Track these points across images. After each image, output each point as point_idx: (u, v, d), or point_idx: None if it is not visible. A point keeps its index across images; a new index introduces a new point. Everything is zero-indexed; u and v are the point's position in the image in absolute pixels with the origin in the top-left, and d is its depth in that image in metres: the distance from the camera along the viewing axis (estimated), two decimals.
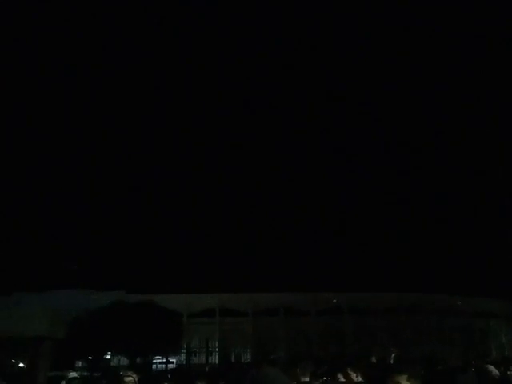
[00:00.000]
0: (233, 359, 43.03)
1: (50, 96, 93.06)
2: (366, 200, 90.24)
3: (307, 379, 4.98)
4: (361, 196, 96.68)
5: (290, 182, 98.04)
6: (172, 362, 40.02)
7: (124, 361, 35.60)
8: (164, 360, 38.39)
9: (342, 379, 4.60)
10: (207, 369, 16.61)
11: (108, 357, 36.28)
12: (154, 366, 36.41)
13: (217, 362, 41.81)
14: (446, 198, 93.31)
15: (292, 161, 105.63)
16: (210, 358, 44.79)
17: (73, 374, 9.41)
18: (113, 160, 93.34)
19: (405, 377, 2.95)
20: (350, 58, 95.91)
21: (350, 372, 4.57)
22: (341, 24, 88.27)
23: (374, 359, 11.13)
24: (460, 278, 54.78)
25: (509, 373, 6.44)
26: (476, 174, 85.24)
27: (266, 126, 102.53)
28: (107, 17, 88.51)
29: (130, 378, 5.36)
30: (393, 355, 11.89)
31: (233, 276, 59.74)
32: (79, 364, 32.79)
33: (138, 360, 33.17)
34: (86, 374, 21.85)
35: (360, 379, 4.54)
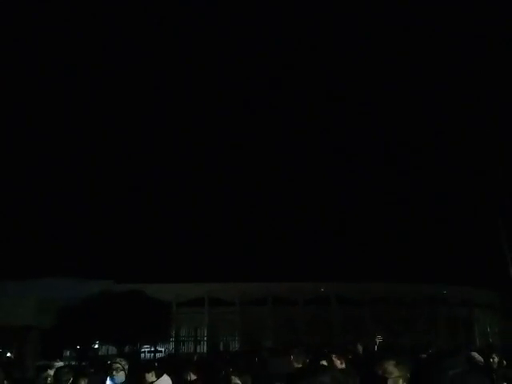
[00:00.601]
0: (221, 348, 43.36)
1: (50, 96, 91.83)
2: (365, 199, 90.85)
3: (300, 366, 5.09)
4: (360, 196, 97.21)
5: (290, 181, 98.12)
6: (161, 351, 40.23)
7: (112, 350, 35.68)
8: (153, 349, 38.59)
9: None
10: (195, 358, 16.72)
11: (96, 346, 36.31)
12: (142, 355, 36.55)
13: (205, 350, 42.10)
14: (445, 198, 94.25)
15: (292, 161, 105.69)
16: (198, 346, 45.10)
17: (60, 364, 9.40)
18: (112, 158, 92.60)
19: (392, 363, 3.01)
20: (349, 58, 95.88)
21: (334, 359, 4.67)
22: (341, 24, 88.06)
23: (359, 347, 11.33)
24: (446, 268, 55.70)
25: (491, 360, 6.64)
26: (476, 174, 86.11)
27: (266, 126, 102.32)
28: (107, 17, 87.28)
29: (118, 365, 5.42)
30: (377, 342, 12.12)
31: (221, 266, 60.06)
32: (67, 353, 32.78)
33: (127, 349, 33.28)
34: (74, 363, 21.86)
35: (344, 366, 4.65)
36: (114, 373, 5.37)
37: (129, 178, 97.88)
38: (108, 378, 5.50)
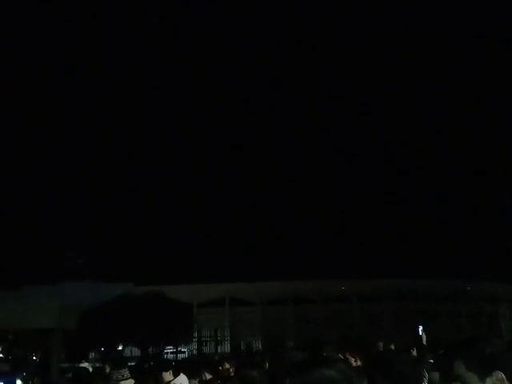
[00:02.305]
0: (243, 348, 43.47)
1: (50, 96, 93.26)
2: (366, 198, 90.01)
3: None
4: (372, 193, 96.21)
5: (290, 181, 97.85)
6: (183, 352, 40.51)
7: (136, 351, 36.09)
8: (175, 350, 38.89)
9: None
10: (216, 358, 16.79)
11: (120, 348, 36.76)
12: (165, 357, 36.86)
13: (228, 350, 42.25)
14: (446, 198, 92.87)
15: (292, 161, 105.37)
16: (220, 347, 45.28)
17: (84, 365, 9.59)
18: (113, 157, 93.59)
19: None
20: (350, 58, 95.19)
21: (348, 356, 4.64)
22: (341, 24, 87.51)
23: (380, 345, 11.20)
24: (469, 263, 54.70)
25: None
26: (476, 174, 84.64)
27: (266, 126, 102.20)
28: (107, 17, 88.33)
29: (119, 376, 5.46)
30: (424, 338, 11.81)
31: (240, 265, 60.09)
32: (92, 355, 33.28)
33: (150, 350, 33.61)
34: (98, 365, 22.16)
35: (359, 364, 4.61)
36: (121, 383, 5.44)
37: (144, 180, 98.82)
38: None
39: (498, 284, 51.43)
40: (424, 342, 9.25)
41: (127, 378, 5.72)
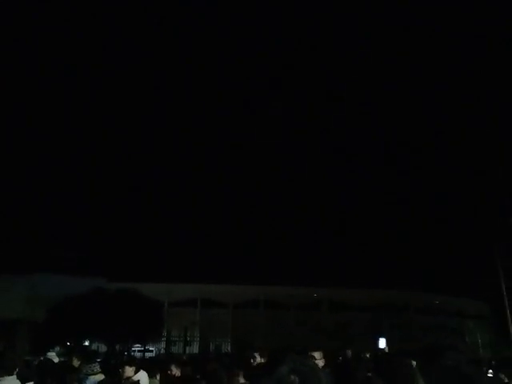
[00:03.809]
0: (211, 349, 43.34)
1: (50, 96, 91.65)
2: (366, 200, 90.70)
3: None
4: (361, 196, 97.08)
5: (290, 182, 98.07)
6: (151, 351, 40.12)
7: (102, 348, 35.59)
8: (143, 348, 38.48)
9: None
10: (184, 358, 16.75)
11: (87, 343, 36.23)
12: (132, 354, 36.46)
13: (196, 351, 42.04)
14: (446, 198, 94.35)
15: (292, 161, 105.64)
16: (188, 347, 45.02)
17: (52, 354, 9.52)
18: (112, 158, 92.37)
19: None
20: (350, 58, 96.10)
21: (314, 354, 4.74)
22: (341, 24, 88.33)
23: (348, 353, 11.40)
24: (437, 278, 55.77)
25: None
26: (476, 174, 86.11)
27: (266, 126, 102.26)
28: (107, 17, 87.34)
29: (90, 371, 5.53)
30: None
31: (214, 267, 59.87)
32: (57, 349, 32.69)
33: (117, 347, 33.20)
34: (63, 359, 21.82)
35: (323, 365, 4.74)
36: (91, 377, 5.49)
37: (127, 177, 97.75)
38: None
39: (465, 300, 52.68)
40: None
41: (97, 373, 5.74)
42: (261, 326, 45.39)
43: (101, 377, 5.73)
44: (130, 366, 5.81)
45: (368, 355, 11.98)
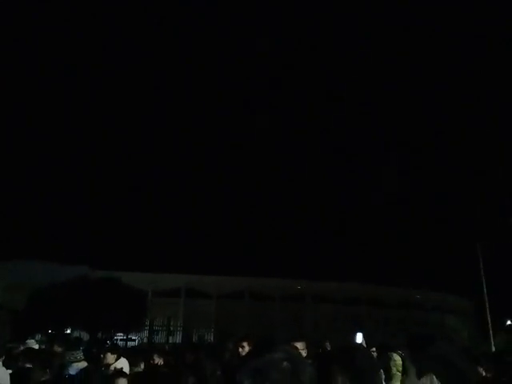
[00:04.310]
0: (194, 339, 43.41)
1: (50, 96, 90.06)
2: (365, 200, 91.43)
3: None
4: (360, 196, 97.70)
5: (290, 181, 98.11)
6: (134, 340, 40.05)
7: (84, 336, 35.41)
8: (125, 337, 38.39)
9: None
10: (167, 347, 16.79)
11: (69, 331, 36.00)
12: (115, 343, 36.36)
13: (179, 341, 42.09)
14: (445, 198, 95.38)
15: (292, 161, 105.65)
16: (171, 337, 45.04)
17: (31, 342, 9.41)
18: (111, 156, 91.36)
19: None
20: (350, 58, 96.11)
21: (297, 345, 4.76)
22: (341, 24, 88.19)
23: (327, 344, 11.51)
24: (420, 273, 56.71)
25: None
26: (476, 174, 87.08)
27: (266, 126, 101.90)
28: (107, 17, 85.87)
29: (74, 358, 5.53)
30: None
31: (199, 257, 60.00)
32: (38, 337, 32.44)
33: (99, 336, 33.06)
34: (43, 347, 21.68)
35: (305, 355, 4.79)
36: (74, 364, 5.48)
37: (115, 167, 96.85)
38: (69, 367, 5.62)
39: (447, 295, 53.55)
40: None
41: (80, 360, 5.72)
42: (244, 316, 45.61)
43: (84, 364, 5.71)
44: (112, 353, 5.80)
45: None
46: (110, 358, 5.81)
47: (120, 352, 6.10)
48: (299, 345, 4.90)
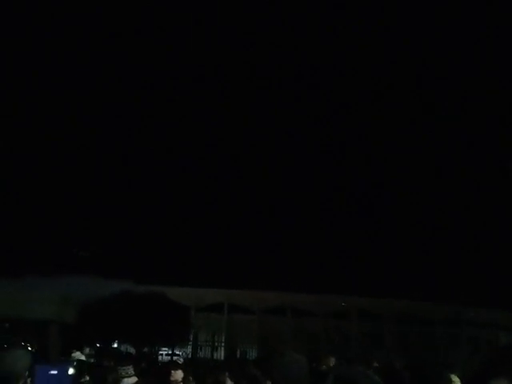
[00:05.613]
0: (238, 355, 43.27)
1: (50, 96, 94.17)
2: (368, 202, 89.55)
3: None
4: (360, 196, 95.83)
5: (290, 181, 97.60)
6: (178, 355, 40.43)
7: (131, 350, 36.08)
8: (170, 352, 38.81)
9: None
10: (210, 364, 16.79)
11: (115, 345, 36.79)
12: (160, 358, 36.83)
13: (222, 357, 42.08)
14: (445, 199, 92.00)
15: (292, 161, 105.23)
16: (215, 353, 45.09)
17: (77, 354, 9.65)
18: (113, 157, 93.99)
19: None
20: (349, 58, 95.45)
21: (330, 357, 4.63)
22: (341, 24, 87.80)
23: (375, 364, 11.11)
24: (471, 289, 54.05)
25: None
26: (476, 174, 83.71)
27: (266, 125, 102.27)
28: (107, 17, 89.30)
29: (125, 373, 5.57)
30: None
31: (242, 273, 59.82)
32: (87, 350, 33.31)
33: (145, 350, 33.61)
34: (92, 360, 22.23)
35: None
36: (125, 380, 5.51)
37: (154, 180, 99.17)
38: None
39: (500, 311, 50.83)
40: None
41: (131, 375, 5.76)
42: (287, 333, 45.03)
43: (134, 379, 5.74)
44: (179, 369, 5.77)
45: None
46: (179, 374, 5.76)
47: (184, 368, 6.06)
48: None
